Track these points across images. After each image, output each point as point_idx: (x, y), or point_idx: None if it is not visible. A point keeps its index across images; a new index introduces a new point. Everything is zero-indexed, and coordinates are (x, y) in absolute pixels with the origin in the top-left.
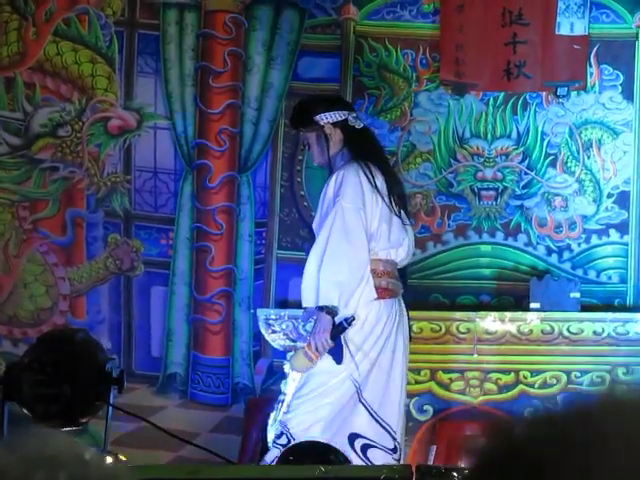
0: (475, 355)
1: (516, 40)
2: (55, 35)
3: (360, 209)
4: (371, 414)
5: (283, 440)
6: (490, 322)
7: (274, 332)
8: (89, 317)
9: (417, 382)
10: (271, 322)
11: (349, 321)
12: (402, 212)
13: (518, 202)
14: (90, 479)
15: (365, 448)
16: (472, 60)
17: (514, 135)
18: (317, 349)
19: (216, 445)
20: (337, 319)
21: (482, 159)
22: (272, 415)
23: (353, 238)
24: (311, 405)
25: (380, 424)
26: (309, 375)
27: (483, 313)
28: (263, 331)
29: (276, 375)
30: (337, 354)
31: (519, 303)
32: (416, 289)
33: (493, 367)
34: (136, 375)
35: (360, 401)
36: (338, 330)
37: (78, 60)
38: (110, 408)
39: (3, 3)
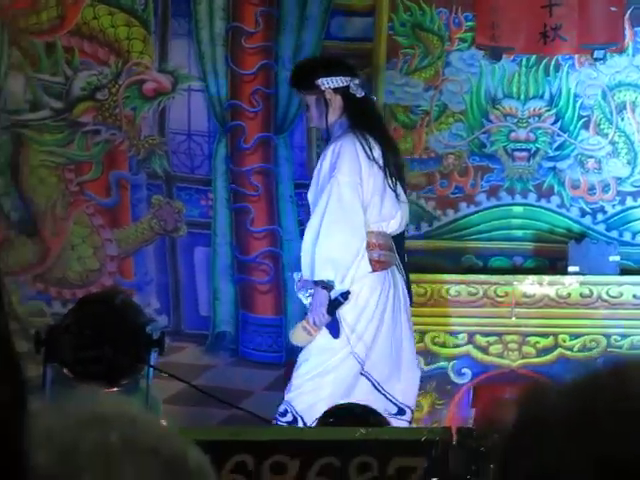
0: (513, 318)
1: (552, 2)
2: None
3: (357, 183)
4: (374, 385)
5: (288, 417)
6: (528, 285)
7: (311, 295)
8: (137, 278)
9: (455, 345)
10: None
11: (345, 296)
12: (398, 186)
13: (551, 164)
14: (141, 439)
15: None
16: (508, 24)
17: (547, 96)
18: (315, 323)
19: (271, 404)
20: (333, 294)
21: (515, 120)
22: None
23: (349, 213)
24: (312, 384)
25: (384, 395)
26: (309, 354)
27: (521, 276)
28: (299, 294)
29: None
30: (334, 328)
31: (554, 265)
32: (448, 250)
33: (531, 330)
34: (185, 334)
35: (362, 374)
36: (334, 305)
37: (114, 23)
38: (150, 370)
39: None
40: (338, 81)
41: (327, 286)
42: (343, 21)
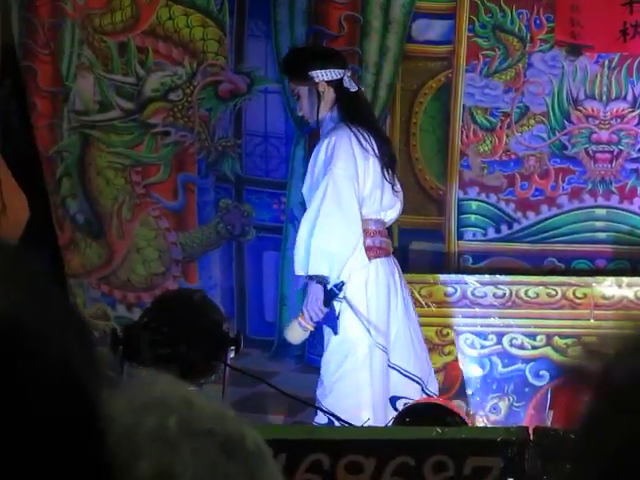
0: (592, 320)
1: (632, 0)
2: None
3: (353, 177)
4: (402, 374)
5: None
6: (607, 287)
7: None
8: (201, 282)
9: (533, 347)
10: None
11: (339, 286)
12: (395, 178)
13: (634, 165)
14: (198, 421)
15: None
16: (587, 21)
17: (629, 97)
18: (311, 319)
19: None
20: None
21: (597, 121)
22: None
23: (345, 207)
24: (346, 385)
25: (413, 380)
26: (332, 354)
27: (600, 278)
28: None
29: None
30: (333, 325)
31: (635, 268)
32: (530, 253)
33: (611, 333)
34: (250, 340)
35: (389, 366)
36: (329, 296)
37: (190, 24)
38: (227, 368)
39: None
40: (332, 73)
41: (321, 280)
42: (424, 24)
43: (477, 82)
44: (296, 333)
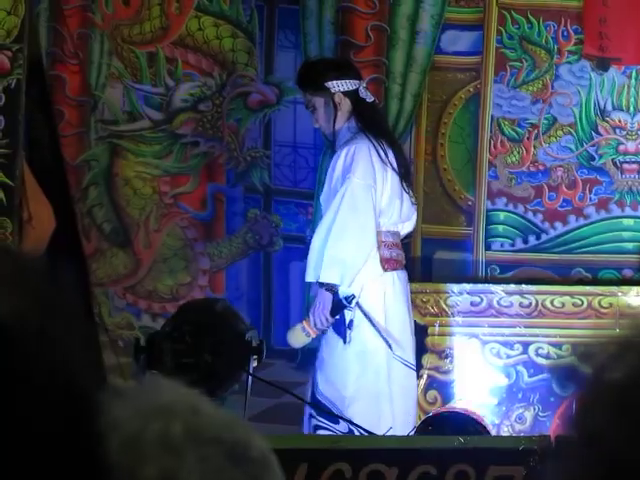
0: (618, 330)
1: None
2: (197, 10)
3: (371, 186)
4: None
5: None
6: (633, 297)
7: (416, 306)
8: (228, 292)
9: (559, 357)
10: (412, 296)
11: (349, 299)
12: (410, 189)
13: None
14: (204, 428)
15: None
16: (616, 34)
17: None
18: (316, 325)
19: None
20: (338, 296)
21: (624, 132)
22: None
23: (362, 216)
24: (368, 396)
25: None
26: (352, 367)
27: (626, 288)
28: None
29: (418, 349)
30: (342, 333)
31: None
32: (558, 263)
33: None
34: (275, 350)
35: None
36: (337, 307)
37: (219, 35)
38: (250, 377)
39: None
40: (348, 84)
41: (331, 288)
42: (453, 35)
43: (505, 93)
44: (298, 337)
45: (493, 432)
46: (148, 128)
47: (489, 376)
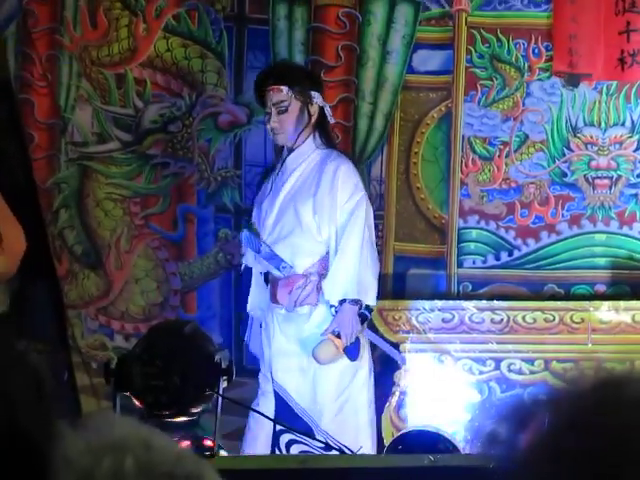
0: (589, 345)
1: (629, 29)
2: (165, 31)
3: None
4: None
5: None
6: (604, 312)
7: (387, 324)
8: (200, 312)
9: (531, 372)
10: (384, 314)
11: (370, 310)
12: None
13: (633, 191)
14: (156, 463)
15: None
16: (585, 50)
17: (628, 123)
18: (347, 340)
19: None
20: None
21: (596, 147)
22: (386, 407)
23: (373, 233)
24: (350, 408)
25: None
26: (338, 380)
27: (597, 303)
28: (376, 322)
29: (391, 366)
30: (355, 351)
31: (635, 292)
32: (530, 279)
33: (608, 357)
34: (247, 370)
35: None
36: (361, 320)
37: (188, 56)
38: (220, 398)
39: (114, 0)
40: (322, 100)
41: (357, 302)
42: (424, 54)
43: (475, 112)
44: (330, 353)
45: (466, 448)
46: (118, 149)
47: (461, 392)
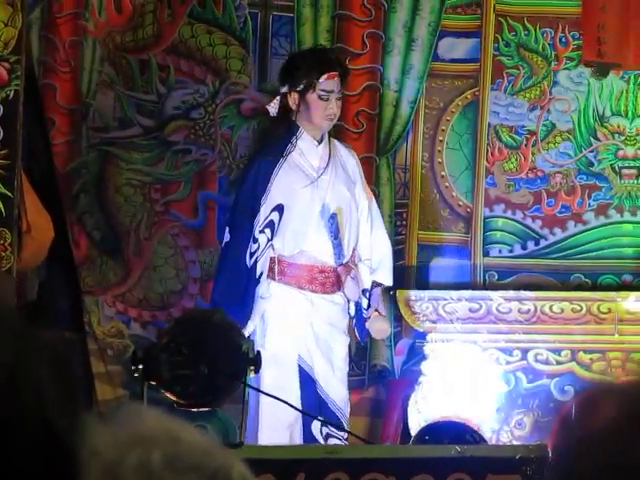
0: (616, 335)
1: None
2: (190, 17)
3: None
4: None
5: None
6: (632, 302)
7: (414, 313)
8: None
9: (558, 362)
10: (411, 303)
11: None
12: None
13: None
14: (183, 456)
15: None
16: (614, 40)
17: None
18: (386, 313)
19: (352, 428)
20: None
21: (623, 137)
22: (412, 397)
23: None
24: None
25: None
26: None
27: (624, 293)
28: (403, 312)
29: (417, 356)
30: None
31: None
32: (557, 269)
33: (635, 347)
34: None
35: None
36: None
37: (212, 42)
38: (247, 388)
39: None
40: None
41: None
42: (451, 42)
43: (502, 100)
44: (386, 325)
45: (493, 438)
46: (139, 135)
47: (488, 382)
